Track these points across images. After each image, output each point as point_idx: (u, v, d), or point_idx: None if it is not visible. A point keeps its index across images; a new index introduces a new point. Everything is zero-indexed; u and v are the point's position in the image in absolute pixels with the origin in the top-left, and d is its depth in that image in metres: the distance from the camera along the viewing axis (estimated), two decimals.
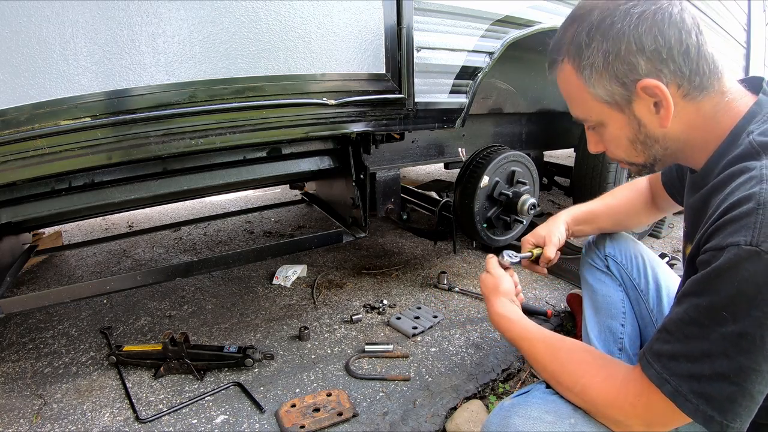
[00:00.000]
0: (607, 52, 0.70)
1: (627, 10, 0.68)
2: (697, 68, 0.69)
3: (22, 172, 0.93)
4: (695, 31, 0.68)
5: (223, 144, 1.03)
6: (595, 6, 0.72)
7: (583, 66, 0.72)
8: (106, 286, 1.26)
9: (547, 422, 0.84)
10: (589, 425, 0.83)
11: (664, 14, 0.67)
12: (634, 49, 0.68)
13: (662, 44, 0.67)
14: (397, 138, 1.48)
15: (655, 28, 0.67)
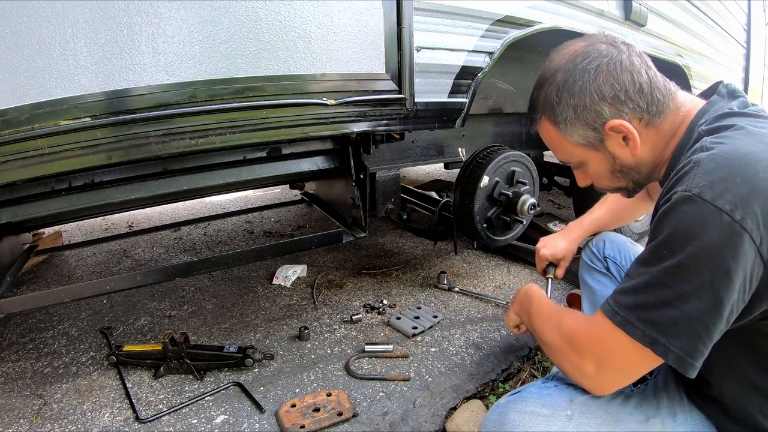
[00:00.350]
0: (576, 106, 0.82)
1: (584, 67, 0.81)
2: (652, 99, 0.80)
3: (22, 172, 0.93)
4: (644, 68, 0.81)
5: (223, 144, 1.03)
6: (558, 68, 0.85)
7: (558, 121, 0.85)
8: (106, 286, 1.26)
9: (544, 415, 0.86)
10: (586, 416, 0.85)
11: (615, 63, 0.80)
12: (597, 98, 0.80)
13: (619, 89, 0.79)
14: (397, 138, 1.48)
15: (611, 77, 0.79)
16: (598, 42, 0.83)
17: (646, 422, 0.84)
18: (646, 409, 0.87)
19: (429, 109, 1.37)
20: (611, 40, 0.83)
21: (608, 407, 0.88)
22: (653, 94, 0.80)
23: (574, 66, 0.82)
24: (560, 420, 0.86)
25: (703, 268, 0.64)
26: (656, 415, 0.86)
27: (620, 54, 0.80)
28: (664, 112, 0.82)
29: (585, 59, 0.81)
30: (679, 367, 0.67)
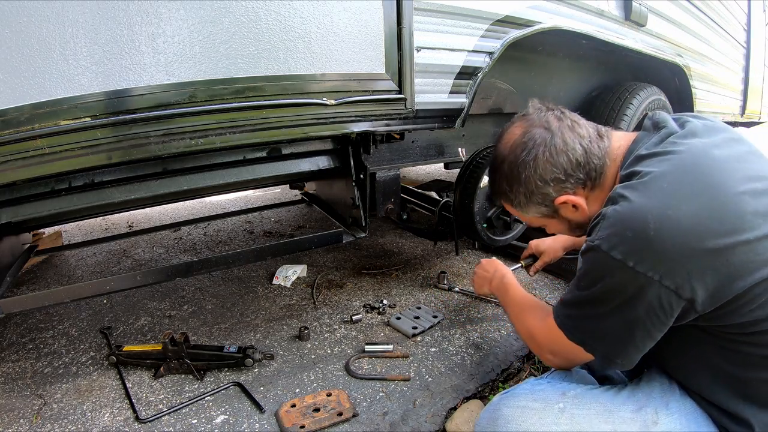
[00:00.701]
0: (525, 193, 0.95)
1: (524, 159, 0.92)
2: (590, 168, 0.91)
3: (22, 172, 0.93)
4: (578, 141, 0.90)
5: (223, 144, 1.03)
6: (504, 159, 0.96)
7: (514, 204, 1.00)
8: (106, 286, 1.26)
9: (536, 409, 0.89)
10: (578, 407, 0.88)
11: (551, 150, 0.90)
12: (541, 184, 0.93)
13: (558, 172, 0.91)
14: (397, 138, 1.48)
15: (549, 164, 0.90)
16: (534, 127, 0.93)
17: (639, 411, 0.87)
18: (639, 399, 0.89)
19: (429, 109, 1.37)
20: (545, 122, 0.92)
21: (601, 398, 0.91)
22: (590, 163, 0.91)
23: (515, 158, 0.93)
24: (552, 413, 0.88)
25: (610, 300, 0.80)
26: (648, 404, 0.88)
27: (554, 137, 0.90)
28: (603, 172, 0.92)
29: (524, 150, 0.92)
30: (606, 363, 0.86)
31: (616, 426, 0.85)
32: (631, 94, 2.08)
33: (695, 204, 0.74)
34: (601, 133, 0.95)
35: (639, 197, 0.77)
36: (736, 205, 0.74)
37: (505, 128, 1.00)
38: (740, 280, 0.73)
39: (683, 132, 0.85)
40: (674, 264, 0.74)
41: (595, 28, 1.77)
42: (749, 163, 0.81)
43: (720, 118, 3.19)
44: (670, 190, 0.76)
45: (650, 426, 0.84)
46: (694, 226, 0.73)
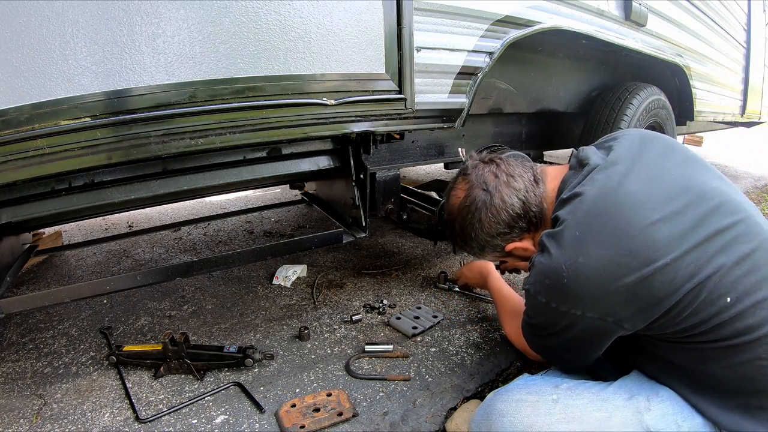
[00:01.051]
0: (478, 246, 1.08)
1: (470, 221, 1.04)
2: (530, 216, 1.01)
3: (22, 172, 0.93)
4: (515, 196, 1.00)
5: (223, 144, 1.03)
6: (454, 219, 1.08)
7: (472, 253, 1.14)
8: (106, 286, 1.26)
9: (530, 401, 0.91)
10: (572, 398, 0.90)
11: (491, 210, 1.01)
12: (490, 239, 1.05)
13: (503, 226, 1.02)
14: (397, 138, 1.48)
15: (492, 222, 1.02)
16: (473, 189, 1.03)
17: (631, 399, 0.89)
18: (630, 389, 0.92)
19: (429, 109, 1.37)
20: (482, 183, 1.02)
21: (593, 389, 0.94)
22: (529, 213, 1.01)
23: (463, 220, 1.05)
24: (546, 404, 0.90)
25: (549, 329, 0.93)
26: (640, 392, 0.90)
27: (493, 199, 1.00)
28: (543, 215, 1.01)
29: (468, 213, 1.04)
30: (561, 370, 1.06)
31: (609, 413, 0.87)
32: (631, 94, 2.08)
33: (605, 247, 0.81)
34: (537, 177, 1.03)
35: (555, 248, 0.87)
36: (648, 237, 0.80)
37: (450, 188, 1.12)
38: (665, 299, 0.80)
39: (604, 164, 0.92)
40: (593, 302, 0.83)
41: (595, 28, 1.77)
42: (669, 182, 0.87)
43: (720, 118, 3.21)
44: (581, 237, 0.84)
45: (643, 412, 0.86)
46: (605, 267, 0.81)
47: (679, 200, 0.83)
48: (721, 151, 5.87)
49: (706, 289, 0.79)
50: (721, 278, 0.79)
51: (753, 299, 0.79)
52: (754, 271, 0.80)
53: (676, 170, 0.90)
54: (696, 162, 0.94)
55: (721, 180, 0.92)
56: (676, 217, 0.82)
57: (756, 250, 0.82)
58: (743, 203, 0.88)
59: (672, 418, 0.86)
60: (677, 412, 0.86)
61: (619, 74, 2.44)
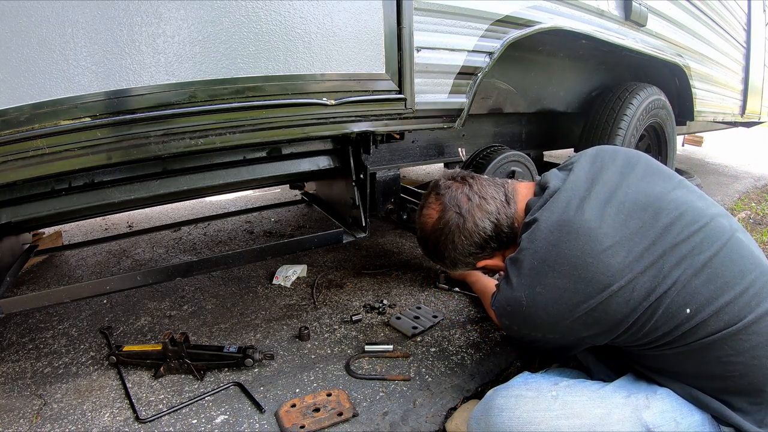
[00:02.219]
0: (451, 263, 1.13)
1: (444, 242, 1.07)
2: (501, 237, 1.05)
3: (22, 172, 0.93)
4: (486, 219, 1.04)
5: (223, 144, 1.03)
6: (427, 239, 1.12)
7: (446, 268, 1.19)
8: (106, 286, 1.26)
9: (530, 397, 0.92)
10: (571, 395, 0.90)
11: (463, 233, 1.05)
12: (462, 258, 1.10)
13: (475, 248, 1.07)
14: (397, 138, 1.48)
15: (465, 243, 1.06)
16: (447, 211, 1.06)
17: (629, 396, 0.90)
18: (629, 387, 0.93)
19: (429, 109, 1.36)
20: (455, 206, 1.05)
21: (592, 387, 0.95)
22: (500, 233, 1.05)
23: (437, 241, 1.09)
24: (546, 400, 0.91)
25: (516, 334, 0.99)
26: (638, 391, 0.91)
27: (466, 222, 1.04)
28: (514, 234, 1.05)
29: (442, 235, 1.07)
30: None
31: (608, 410, 0.87)
32: (631, 94, 2.08)
33: (560, 276, 0.85)
34: (509, 197, 1.07)
35: (515, 277, 0.92)
36: (602, 264, 0.83)
37: (422, 205, 1.15)
38: (624, 320, 0.84)
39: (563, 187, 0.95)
40: (552, 327, 0.89)
41: (595, 28, 1.77)
42: (625, 201, 0.89)
43: (720, 118, 3.21)
44: (538, 268, 0.88)
45: (642, 409, 0.87)
46: (562, 296, 0.85)
47: (633, 220, 0.86)
48: (721, 151, 5.87)
49: (663, 304, 0.82)
50: (679, 291, 0.82)
51: (714, 307, 0.81)
52: (714, 279, 0.82)
53: (634, 186, 0.92)
54: (656, 174, 0.96)
55: (682, 188, 0.93)
56: (631, 239, 0.85)
57: (715, 256, 0.84)
58: (705, 209, 0.89)
59: (670, 415, 0.86)
60: (676, 410, 0.87)
61: (619, 74, 2.44)
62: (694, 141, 5.67)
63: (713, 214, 0.89)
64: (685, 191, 0.93)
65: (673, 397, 0.88)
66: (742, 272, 0.83)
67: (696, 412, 0.86)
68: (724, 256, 0.84)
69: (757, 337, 0.80)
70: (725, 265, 0.84)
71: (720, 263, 0.83)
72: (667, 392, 0.89)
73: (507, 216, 1.04)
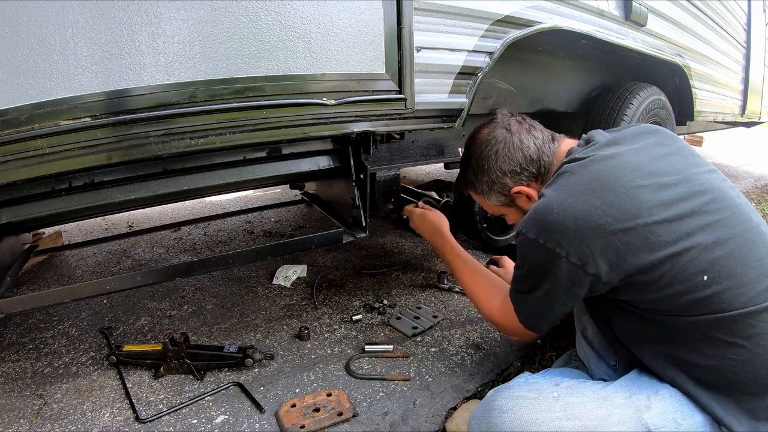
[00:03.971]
0: (488, 182, 1.14)
1: (487, 154, 1.12)
2: (540, 164, 1.09)
3: (22, 172, 0.93)
4: (532, 141, 1.09)
5: (223, 144, 1.03)
6: (471, 154, 1.17)
7: (479, 192, 1.20)
8: (106, 286, 1.26)
9: (531, 398, 0.92)
10: (572, 396, 0.90)
11: (509, 147, 1.10)
12: (500, 175, 1.12)
13: (515, 165, 1.10)
14: (397, 138, 1.48)
15: (507, 158, 1.10)
16: (497, 128, 1.12)
17: (631, 397, 0.90)
18: (630, 388, 0.92)
19: (429, 109, 1.36)
20: (506, 124, 1.12)
21: (593, 387, 0.94)
22: (541, 160, 1.09)
23: (481, 152, 1.13)
24: (547, 401, 0.91)
25: (533, 275, 0.97)
26: (640, 391, 0.91)
27: (512, 137, 1.10)
28: (551, 169, 1.08)
29: (487, 146, 1.12)
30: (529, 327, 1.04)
31: (609, 411, 0.87)
32: (631, 94, 2.08)
33: (593, 195, 0.88)
34: (555, 137, 1.13)
35: (551, 192, 0.94)
36: (633, 196, 0.86)
37: (475, 129, 1.19)
38: (640, 256, 0.84)
39: (605, 142, 1.00)
40: (576, 242, 0.88)
41: (595, 28, 1.76)
42: (662, 163, 0.94)
43: (720, 118, 3.21)
44: (574, 185, 0.92)
45: (643, 410, 0.87)
46: (591, 211, 0.87)
47: (668, 177, 0.90)
48: (721, 151, 5.87)
49: (682, 260, 0.83)
50: (699, 255, 0.83)
51: (730, 282, 0.83)
52: (735, 255, 0.84)
53: (672, 157, 0.96)
54: (693, 156, 1.00)
55: (715, 174, 0.96)
56: (663, 189, 0.88)
57: (739, 236, 0.86)
58: (735, 197, 0.92)
59: (672, 416, 0.86)
60: (677, 410, 0.87)
61: (619, 74, 2.44)
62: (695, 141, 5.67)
63: (742, 203, 0.92)
64: (716, 176, 0.96)
65: (674, 397, 0.88)
66: (763, 259, 0.85)
67: (697, 413, 0.86)
68: (748, 238, 0.86)
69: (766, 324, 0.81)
70: (748, 246, 0.85)
71: (744, 243, 0.85)
72: (669, 392, 0.89)
73: (550, 149, 1.10)
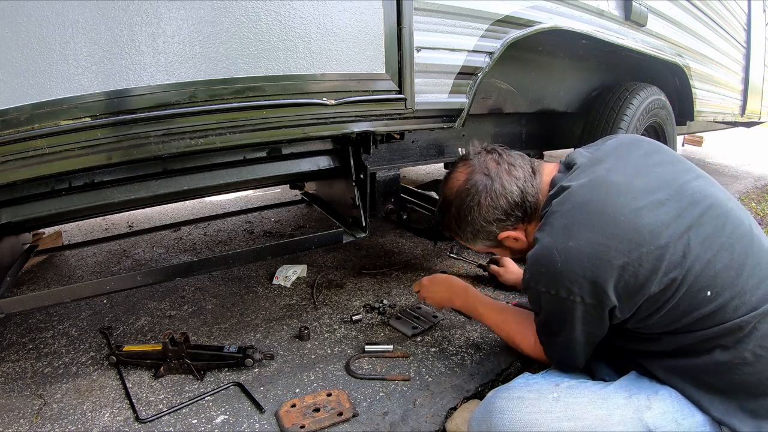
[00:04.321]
0: (472, 231, 1.09)
1: (469, 204, 1.05)
2: (526, 206, 1.04)
3: (22, 172, 0.93)
4: (514, 183, 1.03)
5: (223, 144, 1.03)
6: (451, 202, 1.09)
7: (464, 239, 1.15)
8: (106, 286, 1.26)
9: (531, 399, 0.92)
10: (572, 396, 0.90)
11: (491, 195, 1.03)
12: (485, 224, 1.06)
13: (500, 213, 1.04)
14: (397, 138, 1.48)
15: (491, 208, 1.04)
16: (475, 173, 1.05)
17: (631, 397, 0.90)
18: (630, 388, 0.93)
19: (429, 109, 1.36)
20: (484, 168, 1.05)
21: (593, 388, 0.94)
22: (526, 202, 1.03)
23: (461, 202, 1.06)
24: (547, 402, 0.91)
25: (554, 322, 0.97)
26: (640, 392, 0.91)
27: (493, 183, 1.03)
28: (538, 206, 1.04)
29: (468, 196, 1.05)
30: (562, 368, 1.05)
31: (610, 411, 0.87)
32: (631, 94, 2.08)
33: (592, 231, 0.85)
34: (535, 169, 1.07)
35: (546, 237, 0.91)
36: (633, 223, 0.84)
37: (450, 171, 1.12)
38: (650, 283, 0.83)
39: (587, 163, 0.97)
40: (587, 284, 0.86)
41: (595, 28, 1.77)
42: (651, 177, 0.91)
43: (720, 118, 3.21)
44: (569, 225, 0.88)
45: (644, 410, 0.87)
46: (594, 249, 0.84)
47: (660, 193, 0.88)
48: (721, 151, 5.87)
49: (687, 280, 0.83)
50: (702, 271, 0.83)
51: (732, 292, 0.82)
52: (734, 265, 0.84)
53: (658, 168, 0.94)
54: (679, 163, 0.98)
55: (704, 180, 0.95)
56: (659, 207, 0.86)
57: (736, 243, 0.86)
58: (725, 199, 0.92)
59: (672, 416, 0.86)
60: (677, 410, 0.87)
61: (619, 74, 2.44)
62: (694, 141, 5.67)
63: (733, 206, 0.91)
64: (706, 182, 0.95)
65: (674, 397, 0.88)
66: (759, 264, 0.85)
67: (697, 413, 0.86)
68: (744, 244, 0.86)
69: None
70: (745, 252, 0.85)
71: (741, 251, 0.85)
72: (669, 392, 0.89)
73: (533, 186, 1.04)
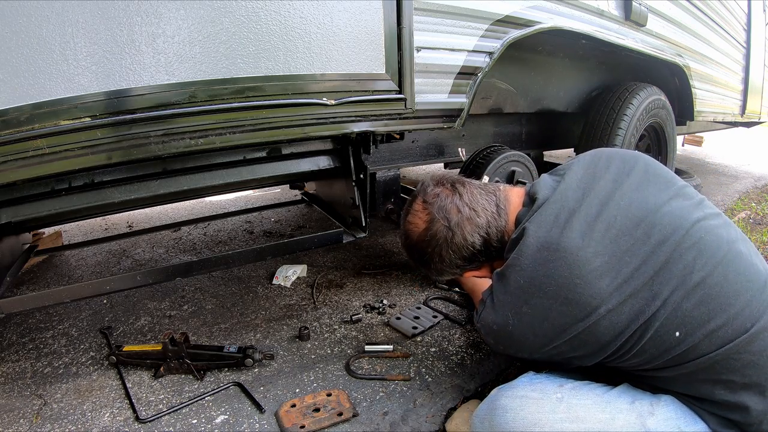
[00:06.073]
0: (437, 272, 1.09)
1: (431, 254, 1.03)
2: (490, 249, 1.01)
3: (22, 172, 0.93)
4: (476, 234, 0.99)
5: (223, 144, 1.03)
6: (413, 248, 1.07)
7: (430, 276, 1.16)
8: (106, 286, 1.26)
9: (534, 398, 0.92)
10: (576, 398, 0.90)
11: (454, 247, 1.00)
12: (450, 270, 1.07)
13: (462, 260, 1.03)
14: (397, 138, 1.48)
15: (454, 256, 1.02)
16: (435, 223, 1.00)
17: (634, 402, 0.90)
18: (633, 394, 0.92)
19: (429, 109, 1.36)
20: (444, 217, 0.99)
21: (597, 390, 0.94)
22: (489, 246, 1.00)
23: (423, 251, 1.05)
24: (550, 402, 0.90)
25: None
26: (643, 398, 0.91)
27: (455, 236, 0.99)
28: (504, 246, 0.99)
29: (429, 246, 1.02)
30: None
31: (613, 415, 0.87)
32: (631, 94, 2.08)
33: (547, 297, 0.83)
34: (501, 207, 1.01)
35: (501, 294, 0.91)
36: (590, 285, 0.81)
37: (407, 211, 1.08)
38: (611, 342, 0.83)
39: (552, 198, 0.91)
40: (538, 348, 0.88)
41: (595, 28, 1.77)
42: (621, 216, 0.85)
43: (720, 118, 3.21)
44: (525, 286, 0.86)
45: (646, 416, 0.86)
46: (548, 316, 0.84)
47: (624, 238, 0.83)
48: (721, 151, 5.87)
49: (652, 327, 0.80)
50: (669, 314, 0.80)
51: (705, 330, 0.79)
52: (706, 301, 0.80)
53: (627, 198, 0.88)
54: (653, 181, 0.92)
55: (679, 198, 0.89)
56: (621, 258, 0.82)
57: (709, 276, 0.81)
58: (701, 219, 0.86)
59: (675, 422, 0.85)
60: (680, 417, 0.86)
61: (619, 74, 2.44)
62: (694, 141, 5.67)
63: (711, 226, 0.85)
64: (681, 201, 0.89)
65: (677, 404, 0.87)
66: (737, 292, 0.81)
67: (700, 421, 0.86)
68: (718, 275, 0.81)
69: (749, 356, 0.79)
70: (720, 284, 0.81)
71: (714, 283, 0.80)
72: (672, 399, 0.88)
73: (497, 229, 0.99)
